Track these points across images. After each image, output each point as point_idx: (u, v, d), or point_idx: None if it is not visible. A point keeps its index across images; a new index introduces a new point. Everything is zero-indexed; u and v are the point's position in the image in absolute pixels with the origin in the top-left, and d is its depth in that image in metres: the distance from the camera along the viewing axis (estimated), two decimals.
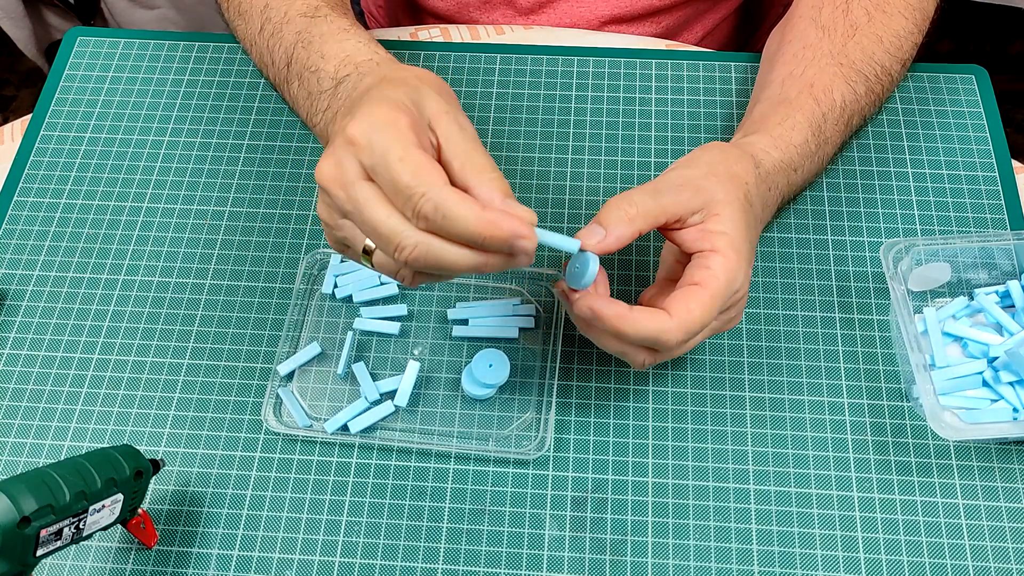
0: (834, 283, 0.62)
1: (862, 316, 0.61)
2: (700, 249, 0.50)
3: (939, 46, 1.73)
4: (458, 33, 0.77)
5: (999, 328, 0.59)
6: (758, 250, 0.64)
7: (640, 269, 0.63)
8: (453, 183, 0.43)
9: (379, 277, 0.62)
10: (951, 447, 0.56)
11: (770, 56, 0.65)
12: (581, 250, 0.48)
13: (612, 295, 0.50)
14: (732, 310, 0.52)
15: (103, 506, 0.46)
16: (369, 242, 0.45)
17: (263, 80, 0.73)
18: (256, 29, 0.64)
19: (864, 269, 0.63)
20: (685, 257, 0.51)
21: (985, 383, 0.57)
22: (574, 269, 0.49)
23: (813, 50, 0.61)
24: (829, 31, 0.62)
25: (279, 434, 0.58)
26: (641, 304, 0.55)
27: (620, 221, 0.48)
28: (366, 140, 0.42)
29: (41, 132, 0.71)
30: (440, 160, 0.45)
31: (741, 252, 0.50)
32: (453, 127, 0.45)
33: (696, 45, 0.84)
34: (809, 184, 0.63)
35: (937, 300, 0.61)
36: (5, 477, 0.44)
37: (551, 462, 0.57)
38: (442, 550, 0.54)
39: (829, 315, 0.61)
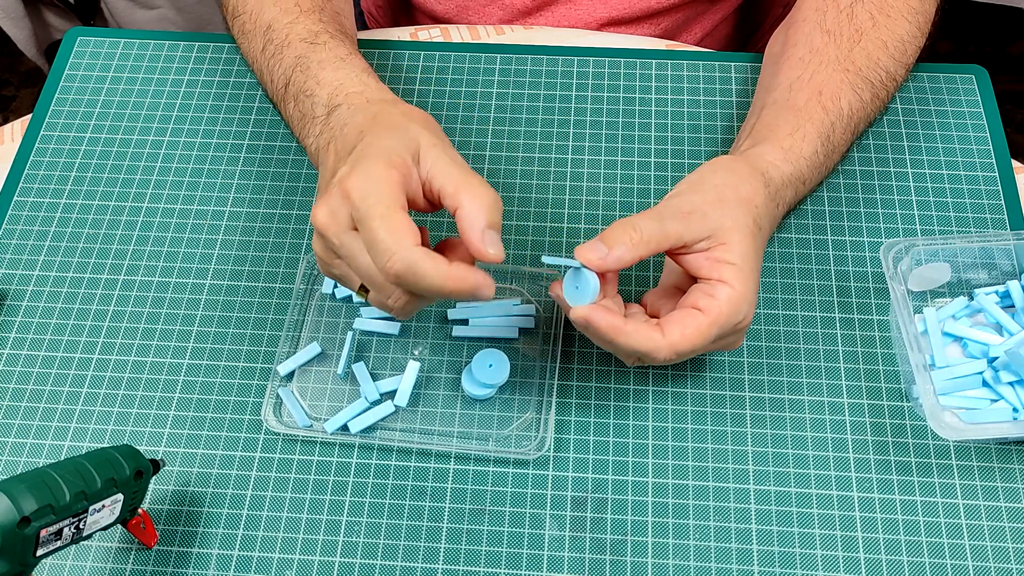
0: (834, 283, 0.62)
1: (862, 316, 0.61)
2: (708, 277, 0.50)
3: (939, 46, 1.73)
4: (458, 33, 0.77)
5: (999, 328, 0.59)
6: None
7: (641, 268, 0.63)
8: (448, 208, 0.47)
9: None
10: (951, 447, 0.56)
11: (774, 57, 0.65)
12: (582, 266, 0.49)
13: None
14: (732, 336, 0.52)
15: (103, 506, 0.46)
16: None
17: None
18: (258, 48, 0.65)
19: (864, 269, 0.63)
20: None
21: (985, 383, 0.56)
22: (574, 289, 0.50)
23: (819, 55, 0.61)
24: (835, 36, 0.62)
25: (279, 434, 0.58)
26: (643, 305, 0.55)
27: (623, 244, 0.49)
28: (357, 194, 0.45)
29: (41, 132, 0.71)
30: (430, 191, 0.48)
31: (748, 283, 0.50)
32: (443, 157, 0.48)
33: (695, 47, 0.84)
34: (811, 192, 0.63)
35: (937, 300, 0.61)
36: (5, 477, 0.44)
37: (551, 462, 0.57)
38: (442, 550, 0.54)
39: (829, 315, 0.61)
